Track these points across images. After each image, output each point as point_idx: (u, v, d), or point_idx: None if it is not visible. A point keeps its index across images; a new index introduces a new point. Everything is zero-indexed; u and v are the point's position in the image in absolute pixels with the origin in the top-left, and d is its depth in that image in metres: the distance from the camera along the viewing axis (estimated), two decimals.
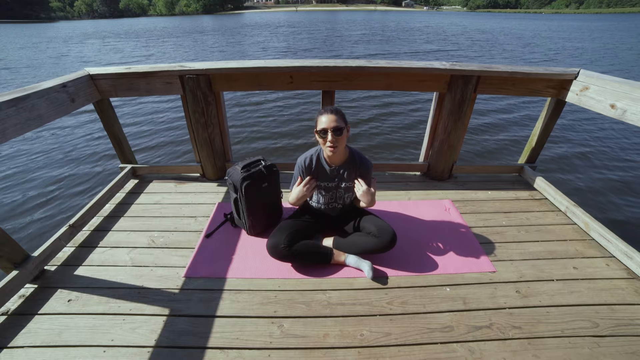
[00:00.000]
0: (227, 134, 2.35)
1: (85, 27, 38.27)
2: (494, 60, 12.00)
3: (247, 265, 1.61)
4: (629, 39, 20.03)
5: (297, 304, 1.40)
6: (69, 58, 13.52)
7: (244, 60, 2.10)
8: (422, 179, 2.46)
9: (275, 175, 1.80)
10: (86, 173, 4.03)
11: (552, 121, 2.22)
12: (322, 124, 1.39)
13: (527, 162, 2.47)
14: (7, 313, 1.35)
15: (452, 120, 2.13)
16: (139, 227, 1.89)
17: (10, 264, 1.42)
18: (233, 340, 1.24)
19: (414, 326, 1.30)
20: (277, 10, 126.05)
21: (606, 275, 1.57)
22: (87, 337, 1.26)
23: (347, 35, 21.80)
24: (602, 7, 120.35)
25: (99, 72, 1.94)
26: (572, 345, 1.23)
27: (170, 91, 2.05)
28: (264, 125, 5.54)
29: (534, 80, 2.03)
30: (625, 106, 1.64)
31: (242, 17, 61.53)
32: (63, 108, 1.71)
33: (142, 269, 1.59)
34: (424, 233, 1.85)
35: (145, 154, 4.58)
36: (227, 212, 1.96)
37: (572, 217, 1.98)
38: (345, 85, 2.07)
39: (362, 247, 1.55)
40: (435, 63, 2.02)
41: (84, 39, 22.53)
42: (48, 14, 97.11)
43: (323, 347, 1.22)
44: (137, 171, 2.42)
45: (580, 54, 13.73)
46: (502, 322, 1.32)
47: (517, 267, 1.61)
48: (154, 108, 6.56)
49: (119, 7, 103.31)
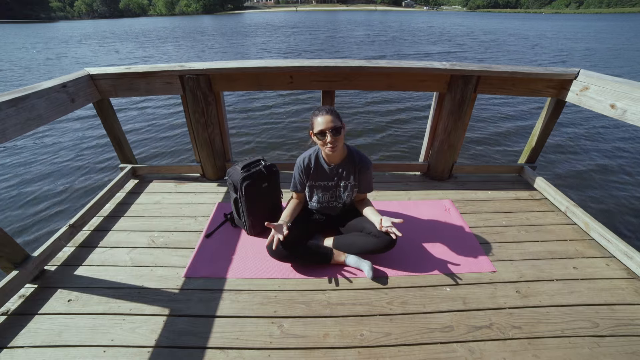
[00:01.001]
0: (227, 134, 2.35)
1: (85, 28, 38.26)
2: (502, 63, 11.91)
3: (247, 265, 1.61)
4: (635, 39, 19.89)
5: (297, 304, 1.40)
6: (66, 60, 13.48)
7: (244, 60, 2.10)
8: (422, 179, 2.46)
9: (275, 175, 1.80)
10: (86, 173, 4.03)
11: (552, 121, 2.22)
12: (319, 125, 1.39)
13: (527, 162, 2.46)
14: (7, 313, 1.35)
15: (452, 120, 2.13)
16: (139, 227, 1.89)
17: (10, 264, 1.42)
18: (233, 340, 1.24)
19: (414, 326, 1.30)
20: (277, 10, 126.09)
21: (606, 275, 1.57)
22: (87, 337, 1.26)
23: (352, 36, 21.38)
24: (602, 7, 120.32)
25: (99, 72, 1.94)
26: (572, 345, 1.23)
27: (170, 91, 2.05)
28: (264, 125, 5.54)
29: (534, 80, 2.03)
30: (625, 106, 1.64)
31: (242, 17, 61.54)
32: (63, 108, 1.71)
33: (142, 269, 1.59)
34: (424, 233, 1.85)
35: (146, 154, 4.58)
36: (227, 212, 1.96)
37: (572, 217, 1.98)
38: (345, 85, 2.07)
39: (362, 247, 1.55)
40: (435, 63, 2.02)
41: (82, 40, 22.51)
42: (48, 14, 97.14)
43: (323, 347, 1.22)
44: (137, 171, 2.42)
45: (590, 54, 13.38)
46: (502, 322, 1.32)
47: (517, 267, 1.61)
48: (154, 108, 6.56)
49: (119, 7, 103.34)
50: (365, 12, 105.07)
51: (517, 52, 14.22)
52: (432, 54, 13.98)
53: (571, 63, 11.51)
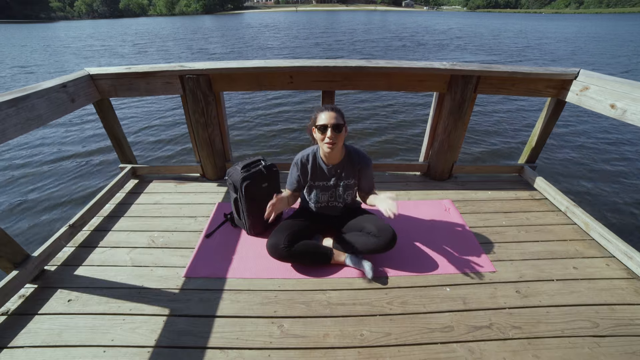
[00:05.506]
0: (227, 134, 2.35)
1: (85, 28, 38.23)
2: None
3: (247, 265, 1.61)
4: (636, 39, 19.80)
5: (297, 304, 1.40)
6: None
7: (244, 60, 2.10)
8: (422, 179, 2.46)
9: (275, 175, 1.81)
10: (86, 173, 4.03)
11: (552, 121, 2.22)
12: (321, 120, 1.39)
13: (527, 162, 2.46)
14: (7, 313, 1.35)
15: (452, 120, 2.13)
16: (139, 227, 1.89)
17: (10, 264, 1.42)
18: (233, 340, 1.24)
19: (414, 326, 1.30)
20: (277, 10, 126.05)
21: (606, 275, 1.57)
22: (87, 337, 1.26)
23: (368, 39, 19.71)
24: (602, 7, 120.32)
25: (99, 72, 1.94)
26: (572, 345, 1.23)
27: (170, 91, 2.05)
28: (264, 125, 5.54)
29: (534, 80, 2.03)
30: (625, 106, 1.64)
31: (242, 17, 61.52)
32: (63, 108, 1.71)
33: (142, 269, 1.59)
34: (424, 233, 1.85)
35: (146, 154, 4.58)
36: (227, 212, 1.96)
37: (572, 217, 1.98)
38: (345, 85, 2.07)
39: (362, 247, 1.55)
40: (435, 63, 2.02)
41: (79, 41, 22.42)
42: (48, 14, 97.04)
43: (323, 347, 1.22)
44: (137, 171, 2.42)
45: (612, 58, 12.42)
46: (502, 322, 1.32)
47: (517, 267, 1.61)
48: (155, 108, 6.56)
49: (118, 7, 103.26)
50: (366, 12, 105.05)
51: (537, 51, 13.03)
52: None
53: (594, 65, 10.98)
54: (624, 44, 17.18)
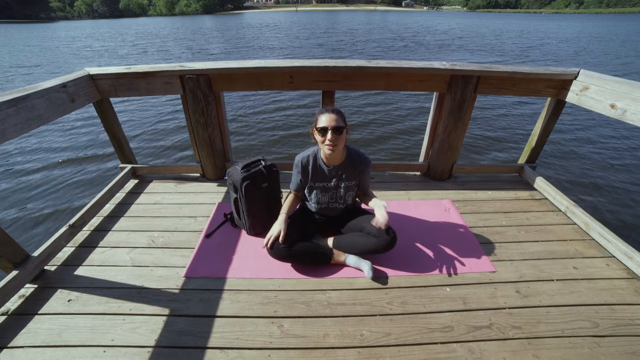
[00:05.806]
0: (227, 134, 2.35)
1: (85, 28, 38.22)
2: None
3: (247, 265, 1.61)
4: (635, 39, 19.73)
5: (297, 304, 1.40)
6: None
7: (244, 60, 2.10)
8: (422, 179, 2.46)
9: (275, 175, 1.80)
10: (86, 173, 4.03)
11: (552, 121, 2.22)
12: (322, 122, 1.39)
13: (527, 162, 2.46)
14: (7, 313, 1.35)
15: (452, 120, 2.13)
16: (139, 227, 1.89)
17: (10, 264, 1.42)
18: (233, 340, 1.24)
19: (414, 326, 1.30)
20: (277, 10, 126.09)
21: (606, 275, 1.57)
22: (87, 337, 1.26)
23: (369, 40, 19.35)
24: (602, 7, 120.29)
25: (99, 72, 1.94)
26: (572, 345, 1.23)
27: (170, 91, 2.05)
28: (264, 125, 5.54)
29: (534, 81, 2.03)
30: (625, 106, 1.64)
31: (242, 17, 61.52)
32: (63, 108, 1.71)
33: (142, 269, 1.59)
34: (424, 233, 1.85)
35: (146, 154, 4.58)
36: (227, 212, 1.96)
37: (572, 217, 1.98)
38: (345, 85, 2.07)
39: (362, 247, 1.55)
40: (435, 63, 2.02)
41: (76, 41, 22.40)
42: (48, 14, 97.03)
43: (323, 347, 1.22)
44: (137, 171, 2.42)
45: (616, 58, 12.08)
46: (502, 322, 1.32)
47: (517, 267, 1.61)
48: (155, 108, 6.56)
49: (118, 7, 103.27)
50: (365, 12, 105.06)
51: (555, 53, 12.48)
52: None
53: (574, 65, 11.26)
54: (626, 44, 17.12)
